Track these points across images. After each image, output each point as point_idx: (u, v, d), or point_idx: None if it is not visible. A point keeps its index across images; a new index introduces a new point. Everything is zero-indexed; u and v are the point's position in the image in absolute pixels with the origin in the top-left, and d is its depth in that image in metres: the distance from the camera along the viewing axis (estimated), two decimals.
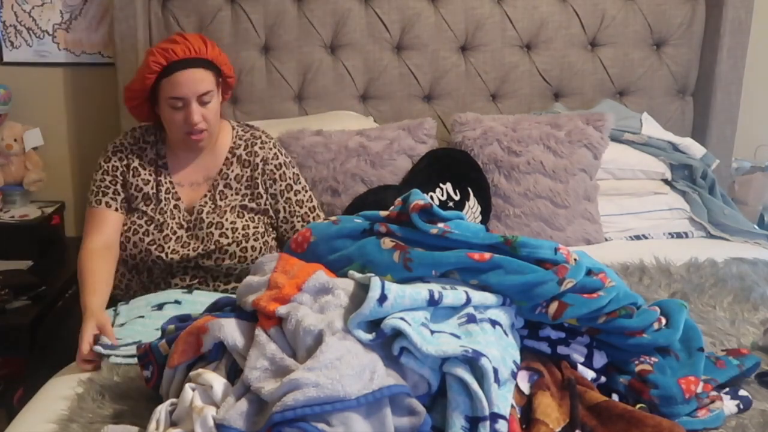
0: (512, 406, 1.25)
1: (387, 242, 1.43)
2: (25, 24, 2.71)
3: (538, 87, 2.77)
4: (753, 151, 2.88)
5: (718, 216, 2.52)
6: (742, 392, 1.44)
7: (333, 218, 1.57)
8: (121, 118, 2.57)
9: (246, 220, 1.98)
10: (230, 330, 1.29)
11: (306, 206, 2.07)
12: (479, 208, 2.33)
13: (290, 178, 2.06)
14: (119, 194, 1.99)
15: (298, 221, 2.05)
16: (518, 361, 1.31)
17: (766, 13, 2.79)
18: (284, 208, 2.04)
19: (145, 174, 2.00)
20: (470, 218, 2.26)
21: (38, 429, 1.40)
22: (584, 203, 2.42)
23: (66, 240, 2.77)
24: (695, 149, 2.62)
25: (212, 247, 1.93)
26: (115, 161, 2.01)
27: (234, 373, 1.27)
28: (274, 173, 2.03)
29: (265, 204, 2.02)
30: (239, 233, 1.95)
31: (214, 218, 1.96)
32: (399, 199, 1.51)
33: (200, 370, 1.27)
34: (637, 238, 2.50)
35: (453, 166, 2.37)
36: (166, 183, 2.00)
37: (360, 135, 2.40)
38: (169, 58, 1.86)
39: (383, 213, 1.52)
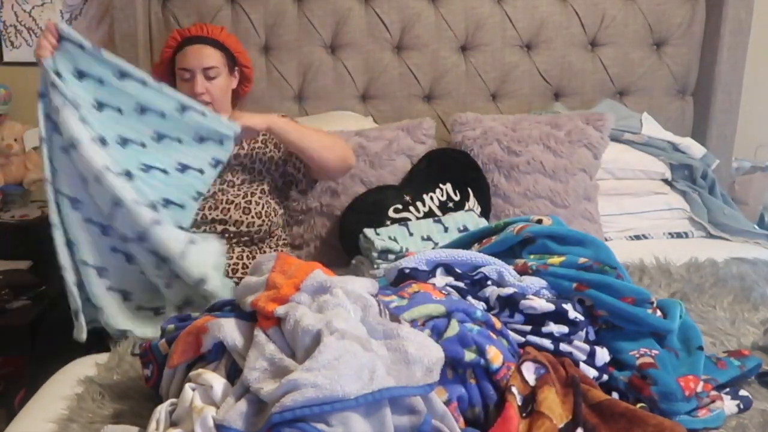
0: (513, 393, 1.26)
1: None
2: (25, 24, 2.71)
3: (538, 87, 2.77)
4: (753, 151, 2.88)
5: (718, 216, 2.52)
6: (743, 392, 1.45)
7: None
8: None
9: (254, 195, 2.08)
10: (230, 330, 1.29)
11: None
12: (479, 208, 2.33)
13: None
14: None
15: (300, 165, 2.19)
16: None
17: (766, 13, 2.79)
18: (285, 161, 2.18)
19: None
20: (470, 218, 2.26)
21: (38, 429, 1.40)
22: (584, 203, 2.42)
23: None
24: (695, 149, 2.62)
25: (225, 218, 2.02)
26: None
27: (234, 373, 1.27)
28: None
29: (273, 171, 2.16)
30: (252, 205, 2.05)
31: (219, 195, 2.05)
32: None
33: (200, 370, 1.27)
34: (637, 238, 2.50)
35: (453, 167, 2.37)
36: None
37: (359, 135, 2.40)
38: (184, 35, 2.13)
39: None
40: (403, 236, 2.12)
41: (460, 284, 1.54)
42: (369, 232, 2.10)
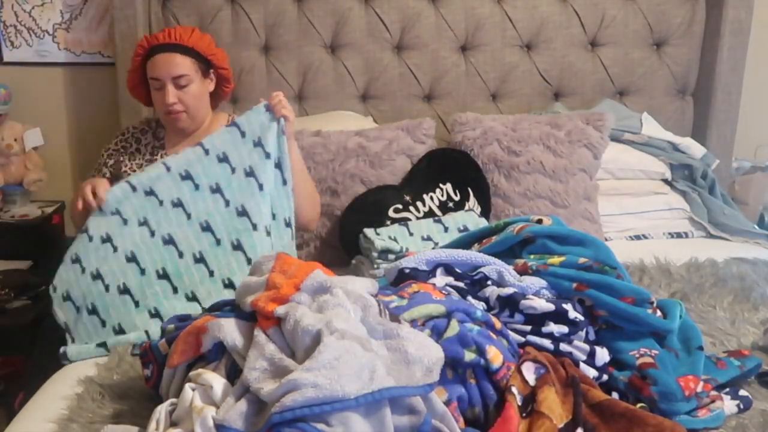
0: (513, 393, 1.26)
1: None
2: (25, 24, 2.71)
3: (538, 87, 2.77)
4: (753, 151, 2.88)
5: (718, 216, 2.52)
6: (743, 392, 1.45)
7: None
8: (121, 117, 2.57)
9: None
10: (230, 330, 1.29)
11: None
12: (479, 208, 2.33)
13: None
14: (102, 170, 2.14)
15: None
16: None
17: (766, 13, 2.79)
18: None
19: (139, 158, 2.14)
20: (470, 218, 2.26)
21: (38, 429, 1.40)
22: (584, 203, 2.42)
23: (66, 240, 2.76)
24: (695, 149, 2.62)
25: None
26: (117, 140, 2.19)
27: (234, 373, 1.27)
28: None
29: None
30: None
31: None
32: None
33: (200, 370, 1.27)
34: (637, 238, 2.50)
35: (453, 167, 2.37)
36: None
37: (359, 135, 2.40)
38: (151, 42, 2.06)
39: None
40: (403, 236, 2.12)
41: (460, 284, 1.54)
42: (369, 232, 2.10)
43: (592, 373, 1.40)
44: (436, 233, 2.14)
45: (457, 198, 2.32)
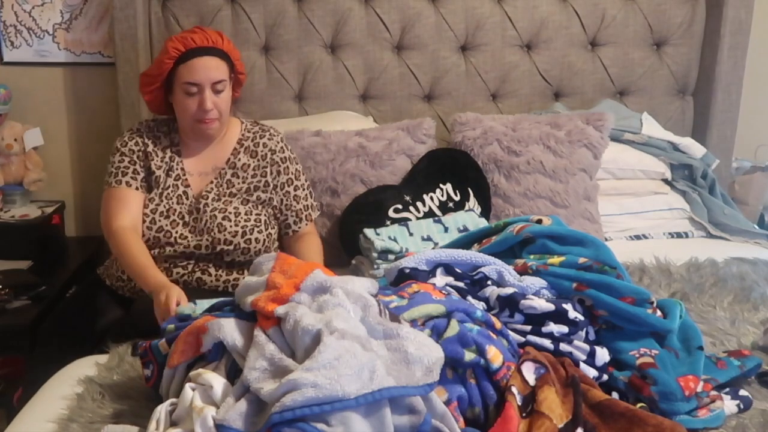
0: (513, 393, 1.26)
1: None
2: (25, 24, 2.71)
3: (538, 87, 2.77)
4: (753, 151, 2.88)
5: (718, 216, 2.52)
6: (743, 392, 1.45)
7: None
8: (121, 117, 2.57)
9: (250, 207, 2.02)
10: (230, 330, 1.29)
11: (302, 203, 2.10)
12: (479, 208, 2.33)
13: (292, 173, 2.10)
14: (139, 173, 2.01)
15: (292, 216, 2.09)
16: None
17: (766, 13, 2.79)
18: (281, 200, 2.08)
19: (157, 159, 2.03)
20: (470, 218, 2.26)
21: (38, 429, 1.40)
22: (584, 203, 2.42)
23: (66, 240, 2.77)
24: (695, 149, 2.62)
25: (217, 236, 1.95)
26: (131, 145, 2.03)
27: (234, 373, 1.27)
28: (279, 165, 2.08)
29: (270, 193, 2.06)
30: (242, 219, 1.98)
31: (218, 204, 2.00)
32: None
33: (200, 370, 1.27)
34: (637, 238, 2.50)
35: (453, 167, 2.37)
36: (177, 169, 2.03)
37: (359, 135, 2.40)
38: (188, 44, 1.93)
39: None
40: (403, 236, 2.12)
41: (460, 284, 1.54)
42: (369, 232, 2.10)
43: (592, 373, 1.40)
44: (436, 233, 2.14)
45: (457, 198, 2.31)
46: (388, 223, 2.22)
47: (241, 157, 2.06)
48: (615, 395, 1.38)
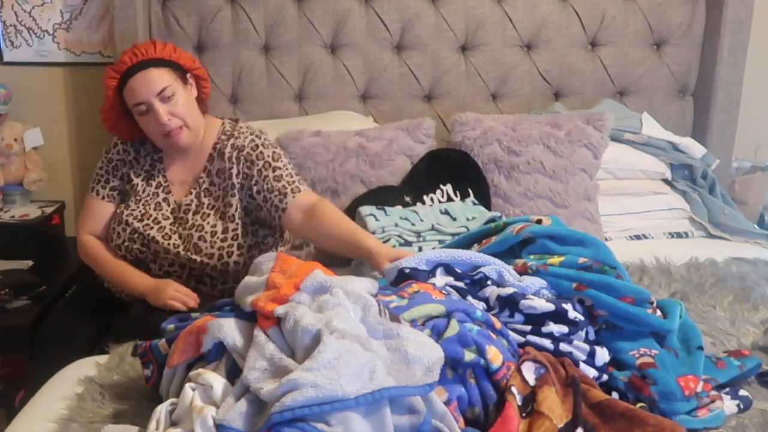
0: (513, 393, 1.26)
1: None
2: (25, 24, 2.71)
3: (538, 87, 2.77)
4: (753, 151, 2.88)
5: (718, 216, 2.52)
6: (743, 392, 1.45)
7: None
8: None
9: (227, 223, 1.96)
10: (230, 330, 1.29)
11: (284, 180, 1.96)
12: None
13: (269, 156, 1.98)
14: (110, 182, 2.04)
15: (276, 196, 1.95)
16: None
17: (766, 13, 2.79)
18: (263, 187, 1.95)
19: (138, 168, 2.04)
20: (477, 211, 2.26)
21: (38, 429, 1.40)
22: (584, 203, 2.42)
23: (66, 240, 2.77)
24: (695, 149, 2.62)
25: (193, 256, 1.93)
26: (114, 153, 2.06)
27: (234, 373, 1.27)
28: (251, 155, 1.98)
29: (239, 193, 1.97)
30: (218, 240, 1.94)
31: (197, 220, 1.97)
32: None
33: (200, 370, 1.27)
34: (637, 237, 2.50)
35: (453, 167, 2.37)
36: (158, 177, 2.03)
37: (359, 135, 2.40)
38: (120, 69, 1.91)
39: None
40: (416, 220, 2.13)
41: (460, 284, 1.54)
42: (364, 209, 2.10)
43: (592, 373, 1.40)
44: (444, 221, 2.17)
45: (457, 198, 2.31)
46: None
47: (215, 162, 2.01)
48: (615, 395, 1.38)
